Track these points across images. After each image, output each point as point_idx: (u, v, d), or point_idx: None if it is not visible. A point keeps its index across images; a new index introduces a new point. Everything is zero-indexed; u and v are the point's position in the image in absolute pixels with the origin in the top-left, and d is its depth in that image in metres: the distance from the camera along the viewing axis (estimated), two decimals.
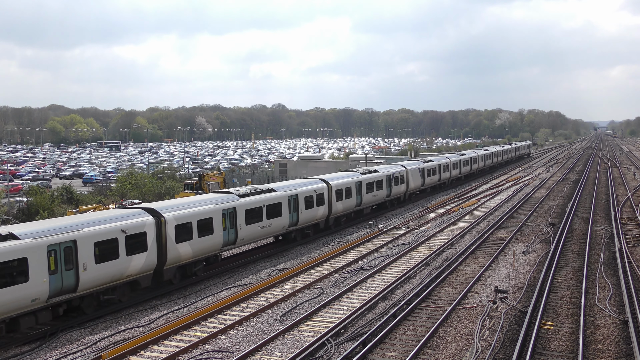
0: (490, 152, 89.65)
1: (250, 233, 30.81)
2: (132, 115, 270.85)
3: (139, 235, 24.13)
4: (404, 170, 51.50)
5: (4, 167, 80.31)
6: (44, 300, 20.69)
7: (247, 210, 30.48)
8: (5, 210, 44.61)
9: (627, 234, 36.49)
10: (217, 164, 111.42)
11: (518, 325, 20.67)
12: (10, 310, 19.63)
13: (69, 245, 21.38)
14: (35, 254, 20.18)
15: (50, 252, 20.72)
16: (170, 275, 26.29)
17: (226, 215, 29.08)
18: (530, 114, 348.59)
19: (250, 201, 30.89)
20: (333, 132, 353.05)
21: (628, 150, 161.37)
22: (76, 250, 21.57)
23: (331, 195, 38.51)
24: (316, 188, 36.97)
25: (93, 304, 23.13)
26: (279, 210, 33.13)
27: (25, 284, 19.80)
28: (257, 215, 31.23)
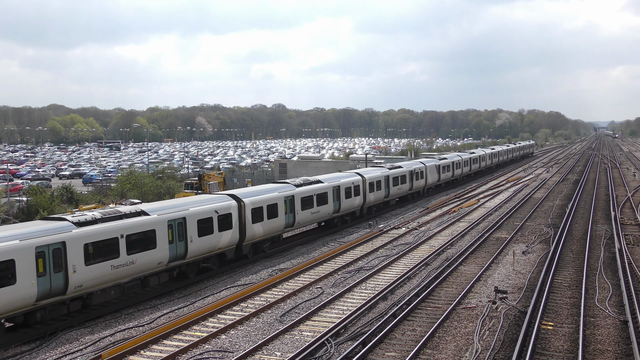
0: (497, 150, 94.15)
1: (305, 218, 35.61)
2: (132, 115, 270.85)
3: (226, 216, 29.05)
4: (423, 167, 56.02)
5: (4, 167, 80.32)
6: (164, 265, 25.61)
7: (302, 198, 35.16)
8: (5, 210, 44.62)
9: (627, 234, 36.49)
10: (217, 164, 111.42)
11: (518, 326, 20.68)
12: (144, 270, 24.69)
13: (181, 222, 26.22)
14: (161, 226, 25.06)
15: (169, 226, 25.56)
16: (247, 250, 31.21)
17: (287, 202, 33.77)
18: (530, 114, 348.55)
19: (304, 190, 35.56)
20: (333, 132, 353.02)
21: (628, 150, 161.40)
22: (185, 226, 26.36)
23: (365, 187, 43.27)
24: (354, 180, 41.68)
25: (195, 270, 28.01)
26: (326, 198, 37.88)
27: (154, 250, 24.62)
28: (310, 203, 35.90)
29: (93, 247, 22.22)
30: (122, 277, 23.68)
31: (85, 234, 22.05)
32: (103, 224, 22.99)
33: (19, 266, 19.68)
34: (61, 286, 21.19)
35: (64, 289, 21.29)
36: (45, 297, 20.73)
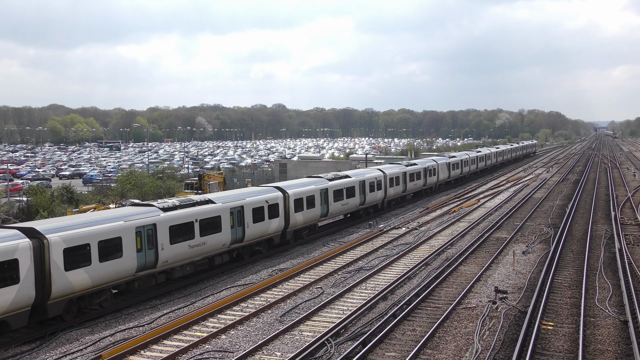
0: (501, 149, 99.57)
1: (336, 209, 39.41)
2: (132, 115, 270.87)
3: (275, 205, 32.64)
4: (435, 164, 59.96)
5: (4, 167, 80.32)
6: (227, 246, 29.46)
7: (334, 190, 38.88)
8: (5, 210, 44.62)
9: (627, 234, 36.49)
10: (217, 164, 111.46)
11: (518, 326, 20.67)
12: (212, 250, 28.36)
13: (240, 210, 29.97)
14: (225, 213, 28.83)
15: (231, 213, 29.25)
16: (290, 237, 34.85)
17: (322, 194, 37.46)
18: (530, 114, 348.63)
19: (336, 184, 39.25)
20: (333, 132, 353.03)
21: (628, 150, 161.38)
22: (243, 213, 30.12)
23: (386, 182, 47.01)
24: (376, 176, 45.65)
25: (249, 252, 31.77)
26: (354, 192, 41.63)
27: (219, 233, 28.43)
28: (340, 195, 39.64)
29: (175, 229, 25.91)
30: (196, 256, 27.44)
31: (170, 217, 25.80)
32: (182, 209, 26.75)
33: (124, 243, 23.50)
34: (153, 261, 24.98)
35: (154, 263, 25.08)
36: (142, 269, 24.59)
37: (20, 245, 19.95)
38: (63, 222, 22.56)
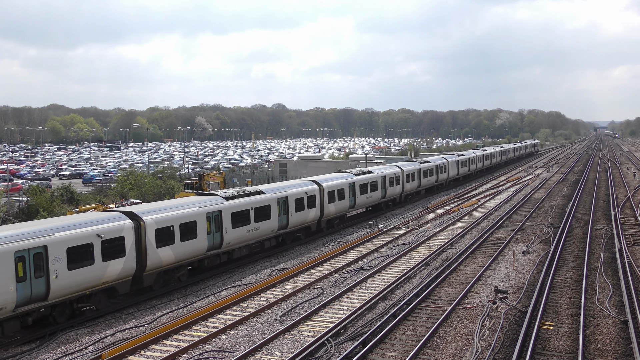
0: (506, 148, 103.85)
1: (362, 201, 43.25)
2: (132, 115, 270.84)
3: (312, 197, 36.11)
4: (446, 162, 63.89)
5: (4, 167, 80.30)
6: (274, 232, 32.81)
7: (360, 185, 42.70)
8: (5, 210, 44.61)
9: (627, 234, 36.49)
10: (217, 164, 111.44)
11: (518, 326, 20.67)
12: (263, 235, 31.90)
13: (285, 200, 33.37)
14: (273, 202, 32.46)
15: (278, 202, 32.88)
16: (324, 225, 38.63)
17: (350, 188, 40.90)
18: (530, 114, 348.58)
19: (362, 179, 43.24)
20: (333, 132, 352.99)
21: (628, 150, 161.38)
22: (287, 203, 33.55)
23: (403, 178, 51.15)
24: (395, 172, 49.52)
25: (291, 238, 35.40)
26: (376, 186, 45.39)
27: (269, 220, 31.90)
28: (365, 189, 43.54)
29: (236, 215, 29.44)
30: (251, 239, 31.07)
31: (232, 205, 29.39)
32: (240, 199, 30.25)
33: (198, 226, 27.11)
34: (219, 242, 28.58)
35: (220, 244, 28.66)
36: (210, 249, 28.21)
37: (125, 225, 23.73)
38: (153, 207, 26.57)
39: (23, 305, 20.01)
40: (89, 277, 22.06)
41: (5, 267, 19.28)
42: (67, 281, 21.17)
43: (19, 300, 19.76)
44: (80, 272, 21.62)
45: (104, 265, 22.56)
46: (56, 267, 20.74)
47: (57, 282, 20.79)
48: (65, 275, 21.07)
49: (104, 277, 22.73)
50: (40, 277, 20.37)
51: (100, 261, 22.38)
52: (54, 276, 20.70)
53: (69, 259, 21.21)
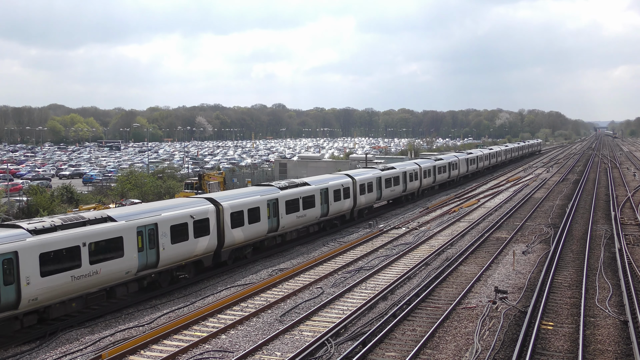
0: (510, 147, 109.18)
1: (386, 194, 47.79)
2: (132, 114, 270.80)
3: (347, 189, 40.64)
4: (457, 160, 68.15)
5: (4, 167, 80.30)
6: (317, 219, 37.47)
7: (385, 179, 47.04)
8: (5, 210, 44.60)
9: (627, 234, 36.48)
10: (217, 164, 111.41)
11: (518, 326, 20.67)
12: (309, 221, 36.56)
13: (325, 191, 37.82)
14: (317, 192, 36.71)
15: (321, 193, 37.05)
16: (356, 215, 43.09)
17: (377, 182, 45.61)
18: (530, 114, 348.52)
19: (386, 174, 47.63)
20: (333, 132, 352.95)
21: (628, 150, 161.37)
22: (327, 194, 38.12)
23: (421, 174, 55.17)
24: (414, 168, 54.10)
25: (330, 225, 40.04)
26: (398, 180, 49.94)
27: (314, 208, 36.44)
28: (389, 183, 47.83)
29: (289, 203, 33.69)
30: (300, 224, 35.39)
31: (285, 194, 33.72)
32: (291, 189, 34.66)
33: (261, 211, 31.46)
34: (276, 226, 32.82)
35: (277, 228, 32.94)
36: (270, 232, 32.44)
37: (209, 209, 28.06)
38: (227, 194, 31.01)
39: (142, 270, 24.52)
40: (185, 251, 26.51)
41: (131, 239, 23.71)
42: (170, 253, 25.66)
43: (139, 266, 24.30)
44: (179, 246, 26.12)
45: (195, 241, 26.99)
46: (163, 241, 25.22)
47: (164, 253, 25.34)
48: (170, 247, 25.57)
49: (194, 251, 27.19)
50: (153, 248, 24.85)
51: (192, 238, 26.82)
52: (162, 248, 25.19)
53: (172, 235, 25.66)
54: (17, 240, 19.90)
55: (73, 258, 21.42)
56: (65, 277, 21.07)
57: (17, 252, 19.61)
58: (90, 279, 22.12)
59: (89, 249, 21.94)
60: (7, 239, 19.73)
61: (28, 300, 20.03)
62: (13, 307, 19.66)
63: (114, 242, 23.05)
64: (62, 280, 21.00)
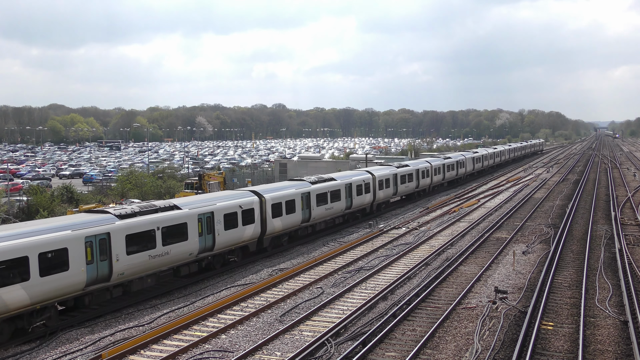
0: (514, 147, 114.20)
1: (401, 190, 51.36)
2: (132, 114, 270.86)
3: (368, 184, 44.22)
4: (464, 159, 71.87)
5: (4, 167, 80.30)
6: (342, 211, 40.62)
7: (400, 176, 50.80)
8: (6, 210, 44.60)
9: (627, 234, 36.48)
10: (217, 164, 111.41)
11: (518, 326, 20.67)
12: (335, 214, 39.47)
13: (349, 186, 41.19)
14: (342, 187, 40.14)
15: (345, 187, 40.60)
16: (374, 208, 46.54)
17: (394, 178, 49.30)
18: (530, 114, 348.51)
19: (401, 171, 51.09)
20: (333, 132, 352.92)
21: (628, 150, 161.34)
22: (351, 188, 41.26)
23: (432, 171, 58.84)
24: (426, 166, 57.26)
25: (352, 218, 43.30)
26: (412, 178, 53.54)
27: (340, 201, 39.68)
28: (404, 180, 51.50)
29: (319, 196, 37.12)
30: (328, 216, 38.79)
31: (316, 188, 36.94)
32: (320, 184, 37.87)
33: (296, 203, 34.69)
34: (308, 217, 36.17)
35: (309, 219, 36.32)
36: (303, 222, 35.82)
37: (255, 200, 31.26)
38: (268, 188, 34.24)
39: (201, 253, 27.69)
40: (235, 237, 29.73)
41: (193, 225, 26.82)
42: (224, 238, 28.83)
43: (200, 249, 27.41)
44: (230, 232, 29.26)
45: (243, 228, 30.23)
46: (218, 227, 28.39)
47: (219, 238, 28.50)
48: (223, 233, 28.74)
49: (242, 237, 30.37)
50: (210, 234, 28.01)
51: (241, 225, 30.03)
52: (217, 234, 28.35)
53: (225, 222, 28.81)
54: (109, 223, 23.07)
55: (150, 240, 24.59)
56: (144, 256, 24.28)
57: (110, 233, 22.84)
58: (162, 258, 25.32)
59: (161, 232, 25.08)
60: (102, 222, 22.88)
61: (117, 274, 23.32)
62: (106, 279, 22.99)
63: (180, 228, 26.18)
64: (142, 259, 24.22)
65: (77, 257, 21.46)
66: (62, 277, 20.96)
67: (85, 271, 21.80)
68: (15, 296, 19.60)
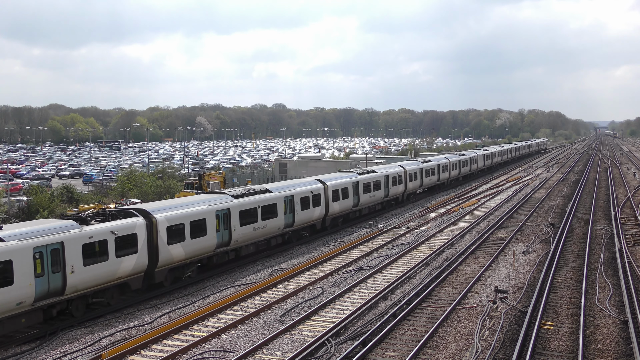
0: (519, 145, 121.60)
1: (427, 182, 57.48)
2: (132, 114, 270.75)
3: (401, 177, 50.33)
4: (476, 155, 78.47)
5: (4, 167, 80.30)
6: (382, 199, 46.80)
7: (425, 170, 56.57)
8: (6, 210, 44.59)
9: (627, 234, 36.48)
10: (218, 164, 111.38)
11: (518, 325, 20.68)
12: (376, 201, 45.82)
13: (387, 177, 47.56)
14: (382, 179, 46.30)
15: (385, 179, 46.93)
16: (405, 197, 53.04)
17: (420, 172, 55.01)
18: (530, 114, 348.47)
19: (427, 166, 57.33)
20: (333, 132, 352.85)
21: (628, 150, 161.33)
22: (388, 180, 47.66)
23: (450, 167, 65.06)
24: (445, 162, 63.86)
25: (391, 203, 49.15)
26: (434, 172, 59.34)
27: (380, 190, 46.26)
28: (429, 174, 57.44)
29: (365, 185, 43.50)
30: (372, 202, 45.15)
31: (364, 179, 43.49)
32: (367, 175, 44.59)
33: (349, 190, 40.78)
34: (357, 202, 42.39)
35: (358, 204, 42.43)
36: (354, 206, 41.63)
37: (320, 187, 37.45)
38: (329, 177, 39.49)
39: (285, 228, 34.12)
40: (307, 216, 35.96)
41: (281, 205, 33.31)
42: (301, 217, 35.18)
43: (285, 225, 33.96)
44: (305, 212, 35.43)
45: (312, 209, 36.63)
46: (297, 208, 34.66)
47: (297, 216, 34.92)
48: (300, 213, 34.91)
49: (312, 217, 36.66)
50: (291, 212, 34.52)
51: (311, 207, 36.21)
52: (297, 213, 34.75)
53: (301, 204, 34.99)
54: (228, 201, 29.77)
55: (254, 215, 30.99)
56: (250, 227, 30.68)
57: (229, 208, 29.45)
58: (261, 230, 31.71)
59: (261, 210, 31.48)
60: (223, 200, 29.61)
61: (234, 240, 29.83)
62: (227, 244, 29.59)
63: (272, 207, 32.39)
64: (249, 230, 30.65)
65: (211, 226, 27.98)
66: (203, 240, 27.71)
67: (215, 237, 28.38)
68: (177, 252, 26.29)
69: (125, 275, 23.91)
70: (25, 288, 19.88)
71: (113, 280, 23.47)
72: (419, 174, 54.90)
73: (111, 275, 23.24)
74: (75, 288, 21.74)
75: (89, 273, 22.10)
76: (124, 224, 23.86)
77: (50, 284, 20.82)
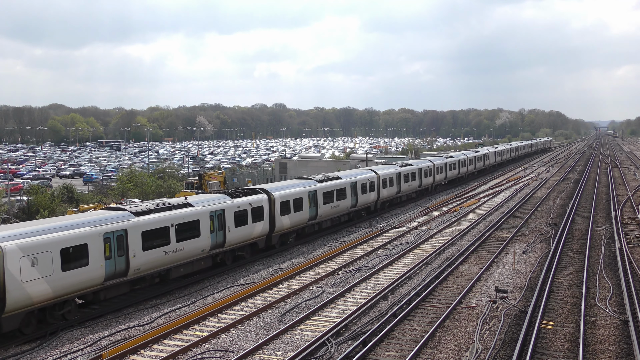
0: (525, 144, 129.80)
1: (450, 175, 62.49)
2: (132, 114, 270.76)
3: (430, 170, 56.63)
4: (489, 152, 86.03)
5: (4, 166, 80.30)
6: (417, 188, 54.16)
7: (448, 165, 61.40)
8: (6, 209, 44.60)
9: (627, 233, 36.47)
10: (218, 164, 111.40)
11: (518, 325, 20.67)
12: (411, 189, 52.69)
13: (421, 170, 54.27)
14: (418, 171, 53.11)
15: (419, 171, 53.47)
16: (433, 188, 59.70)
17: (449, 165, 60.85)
18: (530, 114, 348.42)
19: (450, 161, 63.01)
20: (333, 132, 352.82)
21: (628, 150, 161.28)
22: (422, 173, 54.60)
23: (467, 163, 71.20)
24: (463, 158, 70.11)
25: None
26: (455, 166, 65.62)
27: (415, 181, 52.93)
28: (451, 168, 63.18)
29: (406, 176, 51.13)
30: (409, 191, 51.33)
31: (404, 170, 50.74)
32: (407, 167, 51.58)
33: (394, 180, 47.80)
34: (399, 190, 49.26)
35: (399, 191, 48.89)
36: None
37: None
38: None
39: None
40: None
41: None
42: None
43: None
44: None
45: (369, 194, 43.60)
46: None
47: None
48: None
49: (369, 200, 43.60)
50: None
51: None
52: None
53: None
54: (315, 185, 37.02)
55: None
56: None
57: (316, 190, 36.52)
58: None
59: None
60: (312, 184, 36.75)
61: (319, 216, 36.81)
62: (314, 219, 36.37)
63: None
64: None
65: (305, 203, 35.46)
66: (301, 214, 34.71)
67: (308, 212, 35.67)
68: (286, 222, 33.23)
69: (256, 237, 31.43)
70: (206, 240, 27.66)
71: (249, 240, 31.08)
72: (444, 168, 57.60)
73: (248, 236, 30.81)
74: (230, 243, 29.34)
75: (237, 233, 29.86)
76: (256, 199, 31.69)
77: (217, 239, 28.66)
